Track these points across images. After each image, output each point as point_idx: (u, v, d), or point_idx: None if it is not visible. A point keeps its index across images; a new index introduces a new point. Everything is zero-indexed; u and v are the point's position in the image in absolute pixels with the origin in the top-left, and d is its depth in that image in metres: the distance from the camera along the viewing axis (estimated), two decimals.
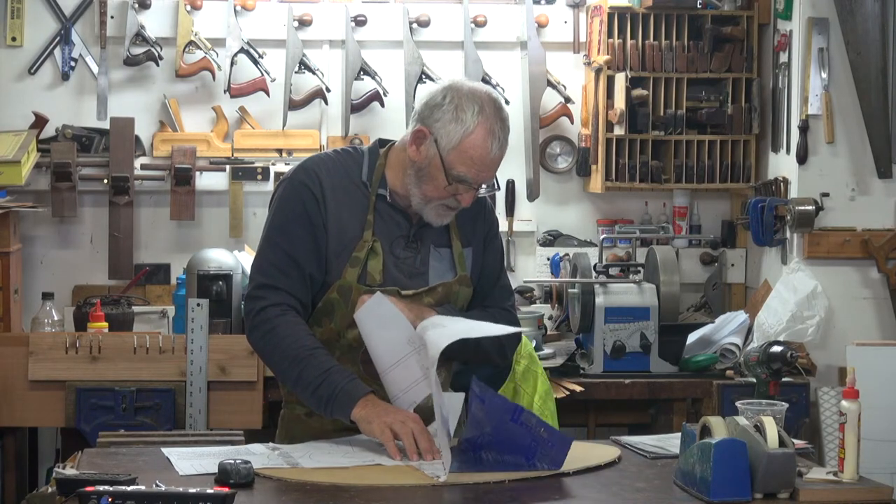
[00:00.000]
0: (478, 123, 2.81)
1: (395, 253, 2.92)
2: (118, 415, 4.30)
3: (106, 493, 2.25)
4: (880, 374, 4.34)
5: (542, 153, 5.20)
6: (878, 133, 4.66)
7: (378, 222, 2.92)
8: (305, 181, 2.91)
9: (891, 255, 4.67)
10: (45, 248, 5.06)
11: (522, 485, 2.57)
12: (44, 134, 4.97)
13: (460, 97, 2.84)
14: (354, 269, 2.88)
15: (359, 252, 2.89)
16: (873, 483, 2.55)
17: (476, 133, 2.81)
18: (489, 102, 2.84)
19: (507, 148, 2.88)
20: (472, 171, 2.83)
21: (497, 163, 2.86)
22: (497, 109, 2.85)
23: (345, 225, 2.90)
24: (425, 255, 2.95)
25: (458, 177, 2.83)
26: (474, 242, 3.02)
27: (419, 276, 2.94)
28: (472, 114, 2.82)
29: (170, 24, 5.02)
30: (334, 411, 2.78)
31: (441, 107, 2.84)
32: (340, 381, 2.78)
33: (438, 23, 5.12)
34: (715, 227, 5.28)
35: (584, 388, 4.41)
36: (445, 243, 2.98)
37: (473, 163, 2.82)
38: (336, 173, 2.93)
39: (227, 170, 5.03)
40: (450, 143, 2.82)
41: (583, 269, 4.64)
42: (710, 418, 2.54)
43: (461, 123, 2.82)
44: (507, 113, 2.89)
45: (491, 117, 2.82)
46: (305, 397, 2.85)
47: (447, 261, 2.97)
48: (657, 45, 5.00)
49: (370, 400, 2.77)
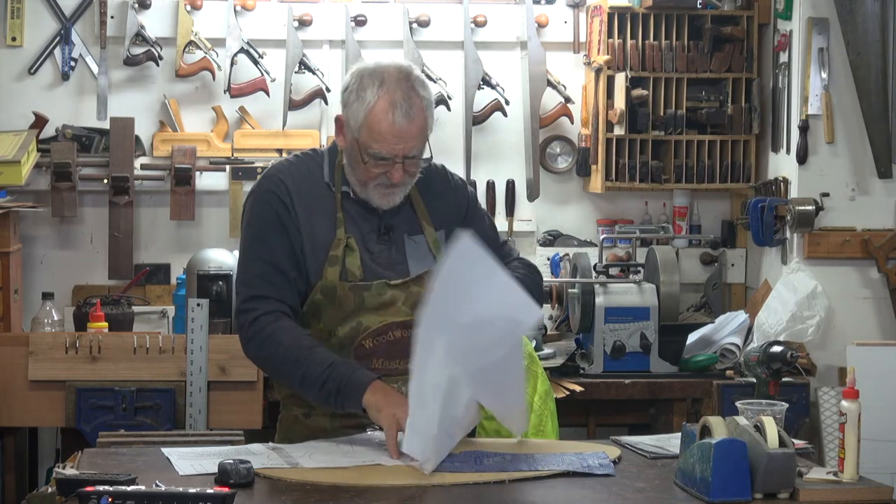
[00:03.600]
0: (378, 97, 2.81)
1: (369, 248, 2.92)
2: (118, 415, 4.30)
3: (106, 493, 2.24)
4: (880, 374, 4.34)
5: (542, 153, 5.20)
6: (878, 133, 4.67)
7: (348, 219, 2.92)
8: (272, 189, 2.92)
9: (891, 255, 4.67)
10: (45, 248, 5.07)
11: (523, 485, 2.57)
12: (44, 134, 4.97)
13: (362, 76, 2.85)
14: (334, 267, 2.88)
15: (335, 251, 2.89)
16: (873, 483, 2.55)
17: (377, 106, 2.81)
18: (392, 74, 2.83)
19: (430, 118, 2.85)
20: (384, 146, 2.82)
21: (410, 132, 2.82)
22: (402, 79, 2.83)
23: (316, 227, 2.90)
24: (400, 245, 2.95)
25: (373, 154, 2.83)
26: (447, 223, 2.99)
27: (398, 267, 2.93)
28: (373, 89, 2.81)
29: (170, 24, 5.02)
30: (345, 403, 2.78)
31: (347, 89, 2.87)
32: (346, 372, 2.78)
33: (438, 23, 5.12)
34: (715, 227, 5.28)
35: (584, 388, 4.42)
36: (417, 230, 2.97)
37: (382, 136, 2.81)
38: (300, 177, 2.94)
39: (227, 170, 5.03)
40: (357, 123, 2.83)
41: (583, 269, 4.64)
42: (710, 418, 2.54)
43: (363, 101, 2.82)
44: (423, 81, 2.86)
45: (392, 88, 2.81)
46: (313, 395, 2.83)
47: (423, 247, 2.96)
48: (657, 45, 5.00)
49: (379, 386, 2.77)
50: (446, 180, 3.05)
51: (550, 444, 3.08)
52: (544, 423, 4.11)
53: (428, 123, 2.87)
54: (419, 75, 2.89)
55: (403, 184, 2.89)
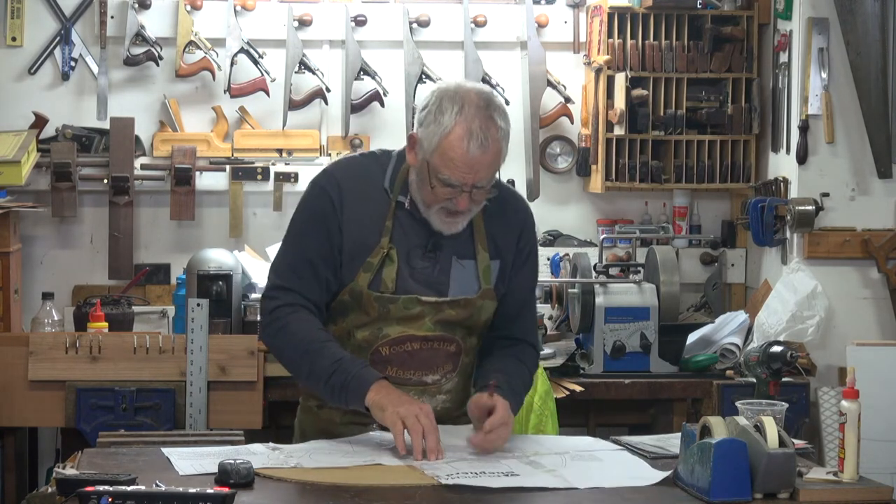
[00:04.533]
0: (455, 123, 2.74)
1: (411, 262, 2.89)
2: (118, 415, 4.30)
3: (106, 493, 2.24)
4: (880, 374, 4.34)
5: (542, 153, 5.20)
6: (878, 133, 4.66)
7: (396, 229, 2.89)
8: (325, 186, 2.92)
9: (891, 255, 4.67)
10: (45, 248, 5.06)
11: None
12: (44, 134, 4.97)
13: (443, 98, 2.78)
14: (367, 274, 2.87)
15: (373, 258, 2.87)
16: (873, 483, 2.55)
17: (454, 133, 2.75)
18: (472, 101, 2.76)
19: (505, 147, 2.81)
20: (454, 173, 2.76)
21: (482, 163, 2.76)
22: (482, 108, 2.76)
23: (364, 230, 2.88)
24: (445, 266, 2.90)
25: (442, 180, 2.78)
26: (505, 255, 2.95)
27: (437, 287, 2.89)
28: (451, 114, 2.75)
29: (170, 24, 5.02)
30: (349, 399, 2.78)
31: (425, 109, 2.81)
32: (352, 369, 2.78)
33: (438, 23, 5.12)
34: (715, 227, 5.28)
35: (584, 388, 4.41)
36: (470, 255, 2.92)
37: (455, 164, 2.75)
38: (358, 178, 2.91)
39: (227, 170, 5.03)
40: (431, 146, 2.78)
41: (583, 269, 4.64)
42: (710, 418, 2.54)
43: (439, 125, 2.76)
44: (503, 110, 2.80)
45: (471, 116, 2.75)
46: (319, 388, 2.85)
47: (471, 272, 2.92)
48: (657, 45, 5.00)
49: (384, 385, 2.77)
50: (517, 212, 2.99)
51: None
52: (544, 423, 4.12)
53: (502, 154, 2.81)
54: (500, 104, 2.82)
55: (468, 211, 2.84)
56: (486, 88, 2.86)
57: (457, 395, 2.98)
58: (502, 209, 2.95)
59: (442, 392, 2.95)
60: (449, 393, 2.97)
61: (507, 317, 3.00)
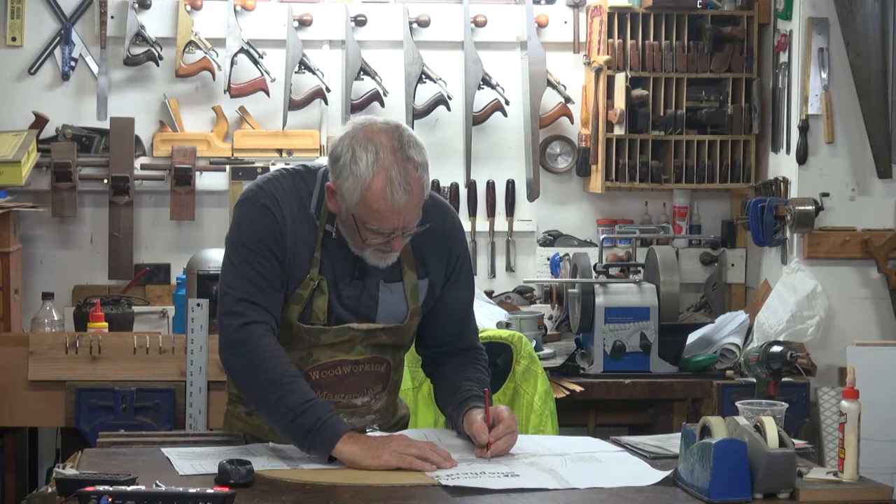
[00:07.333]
0: (374, 175, 2.65)
1: (339, 288, 2.81)
2: (118, 415, 4.31)
3: (106, 493, 2.24)
4: (880, 374, 4.34)
5: (542, 153, 5.20)
6: (878, 133, 4.67)
7: (325, 259, 2.80)
8: (269, 206, 2.77)
9: (891, 255, 4.67)
10: (45, 248, 5.07)
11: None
12: (44, 134, 4.97)
13: (355, 146, 2.67)
14: (297, 306, 2.79)
15: (303, 290, 2.79)
16: (873, 483, 2.54)
17: (374, 185, 2.65)
18: (385, 145, 2.66)
19: (426, 178, 2.69)
20: (383, 223, 2.68)
21: (409, 207, 2.67)
22: (396, 150, 2.66)
23: (296, 258, 2.78)
24: (373, 291, 2.83)
25: (372, 230, 2.69)
26: (434, 273, 2.89)
27: (366, 312, 2.83)
28: (366, 164, 2.65)
29: (170, 24, 5.02)
30: (314, 443, 2.67)
31: (339, 160, 2.69)
32: (324, 414, 2.67)
33: (438, 23, 5.12)
34: (715, 227, 5.28)
35: (584, 388, 4.41)
36: (397, 277, 2.85)
37: (382, 215, 2.67)
38: (292, 200, 2.79)
39: (227, 170, 5.03)
40: (353, 200, 2.67)
41: (583, 269, 4.64)
42: (710, 418, 2.54)
43: (357, 178, 2.66)
44: (414, 141, 2.69)
45: (388, 163, 2.65)
46: (280, 423, 2.71)
47: (399, 295, 2.85)
48: (657, 45, 5.00)
49: (356, 437, 2.67)
50: (443, 228, 2.88)
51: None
52: (544, 423, 4.12)
53: (425, 190, 2.72)
54: (410, 135, 2.70)
55: (401, 246, 2.77)
56: (393, 123, 2.74)
57: (385, 413, 2.95)
58: (430, 228, 2.83)
59: (372, 412, 2.91)
60: (378, 412, 2.93)
61: (452, 331, 2.96)
